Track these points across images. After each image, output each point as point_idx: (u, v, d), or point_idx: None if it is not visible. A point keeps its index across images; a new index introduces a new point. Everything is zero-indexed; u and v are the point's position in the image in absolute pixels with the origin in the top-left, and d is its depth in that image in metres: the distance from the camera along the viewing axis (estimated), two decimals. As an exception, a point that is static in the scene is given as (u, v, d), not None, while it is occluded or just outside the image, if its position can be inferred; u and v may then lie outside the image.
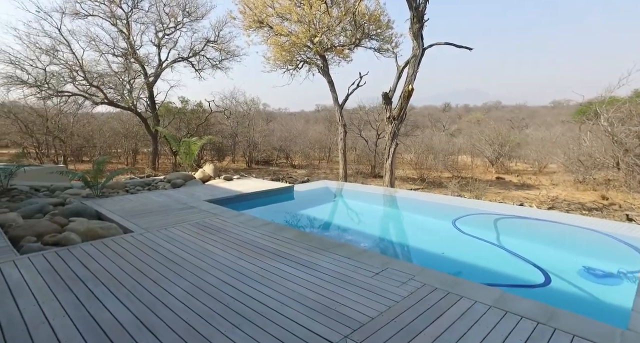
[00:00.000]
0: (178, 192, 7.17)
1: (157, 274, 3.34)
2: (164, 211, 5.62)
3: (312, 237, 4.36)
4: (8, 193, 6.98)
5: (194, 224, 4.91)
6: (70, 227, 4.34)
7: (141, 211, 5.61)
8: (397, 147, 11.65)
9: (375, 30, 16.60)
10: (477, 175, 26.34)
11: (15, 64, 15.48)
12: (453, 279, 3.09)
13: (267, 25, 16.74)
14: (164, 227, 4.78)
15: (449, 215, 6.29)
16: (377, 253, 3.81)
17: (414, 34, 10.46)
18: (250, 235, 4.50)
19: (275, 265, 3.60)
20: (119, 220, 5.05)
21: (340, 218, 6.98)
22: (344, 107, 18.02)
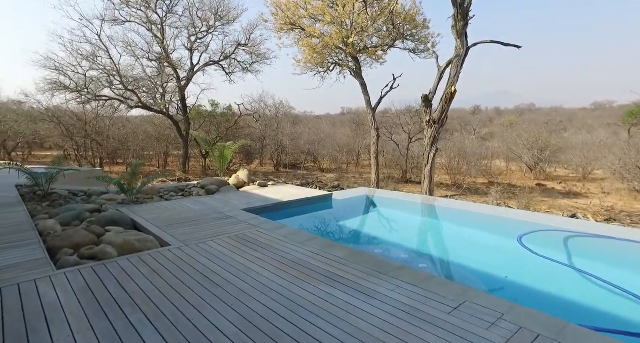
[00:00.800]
0: (213, 199, 6.89)
1: (200, 300, 2.96)
2: (200, 221, 5.32)
3: (367, 257, 3.87)
4: (49, 197, 6.96)
5: (233, 237, 4.54)
6: (107, 239, 4.08)
7: (177, 221, 5.33)
8: (437, 152, 10.96)
9: (411, 30, 15.96)
10: (514, 181, 24.91)
11: (59, 70, 16.06)
12: (557, 322, 2.50)
13: (299, 27, 16.49)
14: (202, 240, 4.44)
15: (511, 230, 5.62)
16: (447, 281, 3.27)
17: (458, 32, 9.78)
18: (297, 252, 4.07)
19: (330, 291, 3.14)
20: (155, 231, 4.77)
21: (388, 232, 6.41)
22: (376, 110, 17.45)
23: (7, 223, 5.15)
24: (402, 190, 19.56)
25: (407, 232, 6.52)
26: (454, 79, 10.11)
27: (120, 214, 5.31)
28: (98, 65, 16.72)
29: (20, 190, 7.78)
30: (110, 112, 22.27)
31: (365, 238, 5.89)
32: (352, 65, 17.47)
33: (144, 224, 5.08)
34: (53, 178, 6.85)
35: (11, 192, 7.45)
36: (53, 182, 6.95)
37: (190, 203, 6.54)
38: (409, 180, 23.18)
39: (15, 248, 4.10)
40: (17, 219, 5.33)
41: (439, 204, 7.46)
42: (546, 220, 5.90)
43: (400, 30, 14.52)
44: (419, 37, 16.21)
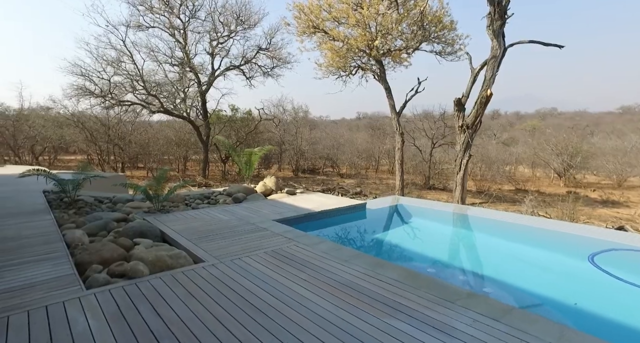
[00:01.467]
0: (242, 208, 6.56)
1: (245, 331, 2.59)
2: (232, 233, 4.98)
3: (425, 280, 3.42)
4: (75, 204, 6.80)
5: (270, 253, 4.17)
6: (137, 254, 3.78)
7: (208, 232, 5.00)
8: (470, 158, 10.39)
9: (437, 32, 15.45)
10: (543, 188, 23.83)
11: (85, 75, 16.29)
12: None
13: (321, 30, 16.22)
14: (237, 255, 4.09)
15: (576, 247, 5.06)
16: (535, 316, 2.77)
17: (494, 32, 9.25)
18: (343, 272, 3.66)
19: (393, 323, 2.71)
20: (186, 244, 4.45)
21: (437, 249, 5.83)
22: (401, 115, 16.94)
23: (36, 232, 4.95)
24: (427, 197, 18.90)
25: (458, 248, 5.95)
26: (489, 81, 9.57)
27: (148, 225, 5.03)
28: (122, 71, 16.87)
29: (47, 196, 7.67)
30: (132, 117, 22.52)
31: (414, 255, 5.37)
32: (375, 69, 17.07)
33: (174, 236, 4.77)
34: (79, 185, 6.68)
35: (39, 198, 7.33)
36: (79, 188, 6.77)
37: (218, 212, 6.22)
38: (432, 186, 22.47)
39: (43, 262, 3.84)
40: (45, 229, 5.12)
41: (485, 216, 6.91)
42: (616, 237, 5.28)
43: (427, 32, 14.00)
44: (445, 39, 15.69)
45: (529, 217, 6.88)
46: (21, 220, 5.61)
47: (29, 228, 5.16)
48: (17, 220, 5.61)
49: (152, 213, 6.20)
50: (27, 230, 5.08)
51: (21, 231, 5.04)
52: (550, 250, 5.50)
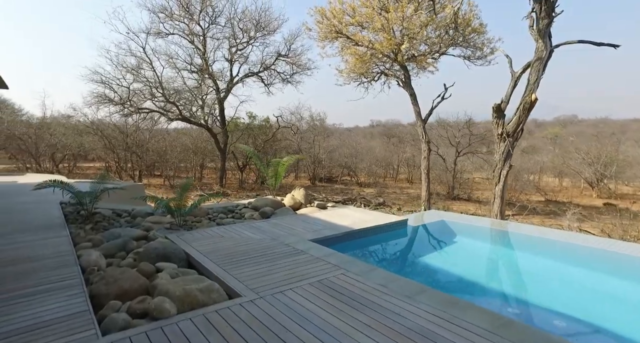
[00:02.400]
0: (271, 224, 5.95)
1: None
2: (267, 257, 4.35)
3: (522, 329, 2.71)
4: (92, 218, 6.33)
5: (317, 285, 3.52)
6: (162, 287, 3.18)
7: (239, 255, 4.40)
8: (510, 169, 9.57)
9: (465, 35, 14.75)
10: (575, 199, 22.54)
11: (105, 83, 16.19)
12: None
13: (344, 35, 15.72)
14: (278, 288, 3.45)
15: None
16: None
17: (540, 31, 8.51)
18: (410, 313, 2.98)
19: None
20: (216, 271, 3.85)
21: (506, 279, 4.86)
22: (426, 122, 16.20)
23: (49, 252, 4.45)
24: (453, 208, 17.98)
25: (534, 280, 5.00)
26: (533, 85, 8.80)
27: (171, 245, 4.46)
28: (141, 78, 16.71)
29: (64, 208, 7.25)
30: (150, 124, 22.42)
31: (486, 289, 4.53)
32: (399, 75, 16.44)
33: (201, 260, 4.18)
34: (97, 198, 6.20)
35: (55, 210, 6.91)
36: (97, 201, 6.30)
37: (247, 230, 5.63)
38: (457, 197, 21.49)
39: (56, 293, 3.30)
40: (59, 248, 4.61)
41: (545, 236, 6.08)
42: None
43: (458, 33, 13.32)
44: (474, 43, 14.97)
45: (600, 239, 6.01)
46: (36, 236, 5.14)
47: (43, 246, 4.67)
48: (33, 236, 5.15)
49: (175, 230, 5.65)
50: (41, 248, 4.59)
51: (36, 250, 4.55)
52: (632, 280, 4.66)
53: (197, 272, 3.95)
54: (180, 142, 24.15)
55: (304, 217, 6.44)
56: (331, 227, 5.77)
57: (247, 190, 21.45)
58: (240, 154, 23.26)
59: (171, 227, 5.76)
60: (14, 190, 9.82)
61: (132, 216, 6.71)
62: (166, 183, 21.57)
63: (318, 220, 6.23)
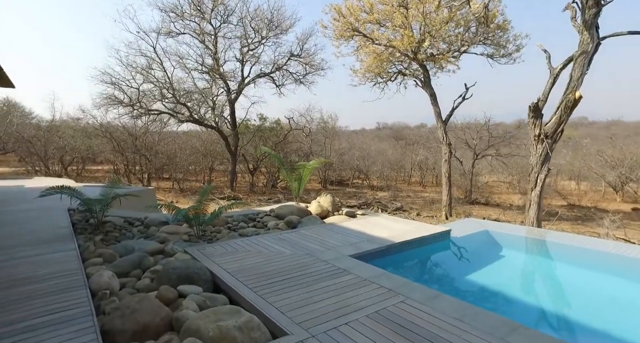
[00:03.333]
0: (300, 236, 5.32)
1: None
2: (306, 277, 3.73)
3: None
4: (102, 227, 5.76)
5: (375, 318, 2.88)
6: (190, 325, 2.56)
7: (273, 275, 3.77)
8: (548, 173, 8.85)
9: (487, 33, 14.06)
10: (599, 204, 21.60)
11: (115, 84, 15.78)
12: None
13: (361, 33, 15.12)
14: (330, 322, 2.81)
15: None
16: None
17: (585, 23, 7.81)
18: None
19: None
20: (251, 297, 3.22)
21: (594, 308, 4.17)
22: (447, 124, 15.50)
23: (53, 271, 3.87)
24: (473, 213, 17.21)
25: (622, 306, 4.28)
26: (577, 82, 8.09)
27: (193, 264, 3.85)
28: (151, 78, 16.27)
29: (72, 215, 6.71)
30: (159, 127, 22.02)
31: (590, 326, 3.78)
32: (418, 74, 15.78)
33: (231, 282, 3.56)
34: (108, 205, 5.64)
35: (62, 218, 6.36)
36: (107, 209, 5.73)
37: (275, 242, 5.00)
38: (475, 201, 20.67)
39: (58, 326, 2.70)
40: (65, 265, 4.04)
41: (606, 249, 5.37)
42: None
43: (486, 31, 12.64)
44: (497, 41, 14.27)
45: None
46: (39, 250, 4.57)
47: (47, 263, 4.10)
48: (35, 250, 4.58)
49: (194, 243, 5.05)
50: (44, 266, 4.01)
51: (38, 267, 3.98)
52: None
53: (227, 299, 3.33)
54: (189, 145, 23.71)
55: (335, 227, 5.81)
56: (369, 239, 5.12)
57: (258, 194, 20.88)
58: (250, 157, 22.77)
59: (190, 239, 5.16)
60: (19, 195, 9.34)
61: (145, 225, 6.14)
62: (175, 186, 21.10)
63: (351, 230, 5.59)
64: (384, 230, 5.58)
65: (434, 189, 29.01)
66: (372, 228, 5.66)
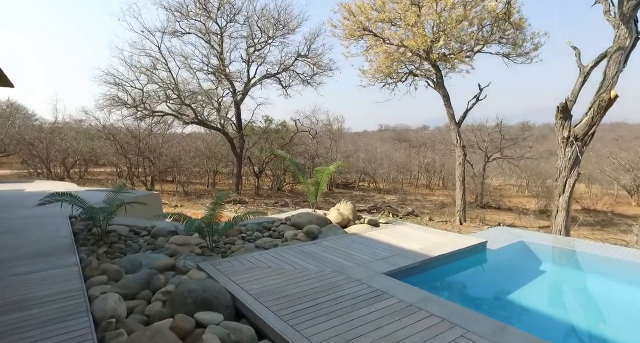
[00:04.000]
0: (324, 248, 4.83)
1: None
2: (340, 301, 3.24)
3: None
4: (106, 237, 5.29)
5: (436, 358, 2.38)
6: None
7: (302, 299, 3.29)
8: (578, 177, 8.34)
9: (504, 31, 13.58)
10: (614, 208, 20.99)
11: (119, 85, 15.39)
12: None
13: (371, 32, 14.67)
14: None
15: None
16: None
17: (623, 16, 7.31)
18: None
19: None
20: (282, 330, 2.73)
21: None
22: (460, 125, 15.00)
23: (51, 292, 3.40)
24: (487, 217, 16.66)
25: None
26: (611, 80, 7.60)
27: (211, 285, 3.36)
28: (156, 78, 15.86)
29: (73, 224, 6.25)
30: (163, 128, 21.62)
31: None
32: (430, 75, 15.30)
33: (254, 308, 3.08)
34: (113, 214, 5.17)
35: (63, 227, 5.89)
36: (112, 217, 5.27)
37: (297, 256, 4.52)
38: (487, 205, 20.13)
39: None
40: (65, 284, 3.57)
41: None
42: None
43: (507, 28, 12.15)
44: (513, 39, 13.77)
45: None
46: (36, 266, 4.10)
47: (44, 282, 3.63)
48: (31, 266, 4.11)
49: (207, 256, 4.57)
50: (41, 286, 3.54)
51: (34, 287, 3.51)
52: None
53: (253, 330, 2.84)
54: (193, 147, 23.28)
55: (359, 238, 5.31)
56: (400, 253, 4.62)
57: (264, 197, 20.40)
58: (256, 159, 22.32)
59: (203, 252, 4.68)
60: (19, 201, 8.89)
61: (152, 235, 5.67)
62: (179, 189, 20.65)
63: (378, 242, 5.09)
64: (413, 242, 5.08)
65: (441, 192, 28.45)
66: (401, 240, 5.16)
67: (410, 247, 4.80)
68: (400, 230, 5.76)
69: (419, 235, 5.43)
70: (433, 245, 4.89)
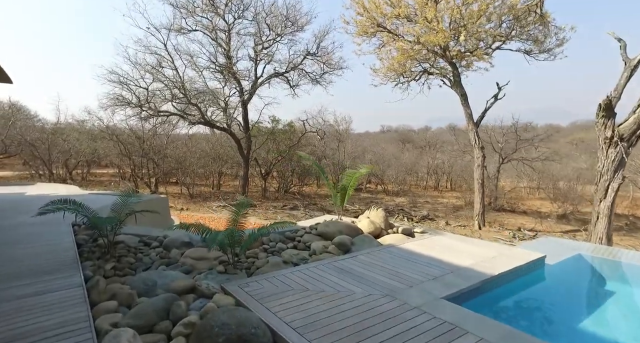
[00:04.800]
0: (363, 264, 4.23)
1: None
2: (404, 338, 2.64)
3: None
4: (114, 250, 4.71)
5: None
6: None
7: (355, 333, 2.70)
8: (623, 181, 7.72)
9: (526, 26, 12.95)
10: (633, 211, 20.30)
11: (123, 83, 14.82)
12: None
13: (385, 29, 14.10)
14: None
15: None
16: None
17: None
18: None
19: None
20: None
21: None
22: (479, 126, 14.39)
23: (51, 323, 2.83)
24: (503, 221, 16.02)
25: None
26: (660, 76, 6.98)
27: (245, 317, 2.77)
28: (161, 77, 15.29)
29: (76, 232, 5.68)
30: (168, 129, 21.06)
31: None
32: (446, 73, 14.70)
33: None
34: (120, 224, 4.59)
35: (65, 238, 5.32)
36: (120, 228, 4.69)
37: (334, 274, 3.92)
38: (502, 208, 19.47)
39: None
40: (68, 313, 2.99)
41: None
42: None
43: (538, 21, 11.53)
44: (535, 35, 13.15)
45: None
46: (34, 287, 3.52)
47: (41, 309, 3.05)
48: (29, 288, 3.53)
49: (231, 274, 3.98)
50: (37, 315, 2.96)
51: (30, 318, 2.93)
52: None
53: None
54: (199, 148, 22.72)
55: (398, 251, 4.71)
56: (452, 270, 4.02)
57: (271, 200, 19.81)
58: (262, 161, 21.73)
59: (226, 270, 4.08)
60: (19, 205, 8.33)
61: (164, 246, 5.08)
62: (184, 191, 20.07)
63: (421, 256, 4.49)
64: (461, 256, 4.48)
65: (450, 194, 27.80)
66: (446, 254, 4.56)
67: (461, 263, 4.20)
68: (441, 242, 5.15)
69: (463, 248, 4.82)
70: (485, 260, 4.29)
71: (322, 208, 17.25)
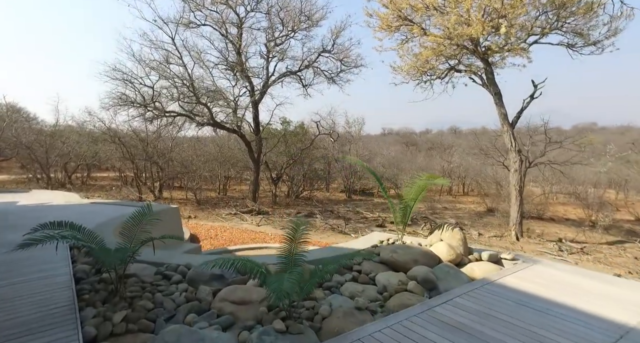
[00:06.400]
0: (469, 314, 3.05)
1: None
2: None
3: None
4: (124, 287, 3.53)
5: None
6: None
7: None
8: None
9: (575, 15, 11.74)
10: (665, 218, 19.10)
11: (126, 81, 13.67)
12: None
13: (412, 23, 12.98)
14: None
15: None
16: None
17: None
18: None
19: None
20: None
21: None
22: (514, 127, 13.24)
23: None
24: (536, 230, 14.83)
25: None
26: None
27: None
28: (169, 74, 14.13)
29: (75, 260, 4.52)
30: (173, 131, 19.90)
31: None
32: (477, 70, 13.57)
33: None
34: (133, 256, 3.42)
35: (59, 266, 4.15)
36: (132, 260, 3.51)
37: (438, 332, 2.76)
38: (530, 215, 18.24)
39: None
40: None
41: None
42: None
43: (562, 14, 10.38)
44: (579, 26, 12.00)
45: None
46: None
47: None
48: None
49: (296, 336, 2.79)
50: None
51: None
52: None
53: None
54: (205, 151, 21.54)
55: (502, 291, 3.53)
56: (612, 328, 2.84)
57: (283, 206, 18.62)
58: (273, 164, 20.58)
59: (288, 327, 2.89)
60: (9, 218, 7.14)
61: (189, 280, 3.91)
62: (189, 197, 18.87)
63: (540, 300, 3.31)
64: (607, 302, 3.28)
65: (465, 199, 26.63)
66: (577, 298, 3.37)
67: (620, 318, 3.01)
68: (549, 275, 3.97)
69: (592, 286, 3.64)
70: (629, 305, 3.11)
71: (341, 216, 16.01)
